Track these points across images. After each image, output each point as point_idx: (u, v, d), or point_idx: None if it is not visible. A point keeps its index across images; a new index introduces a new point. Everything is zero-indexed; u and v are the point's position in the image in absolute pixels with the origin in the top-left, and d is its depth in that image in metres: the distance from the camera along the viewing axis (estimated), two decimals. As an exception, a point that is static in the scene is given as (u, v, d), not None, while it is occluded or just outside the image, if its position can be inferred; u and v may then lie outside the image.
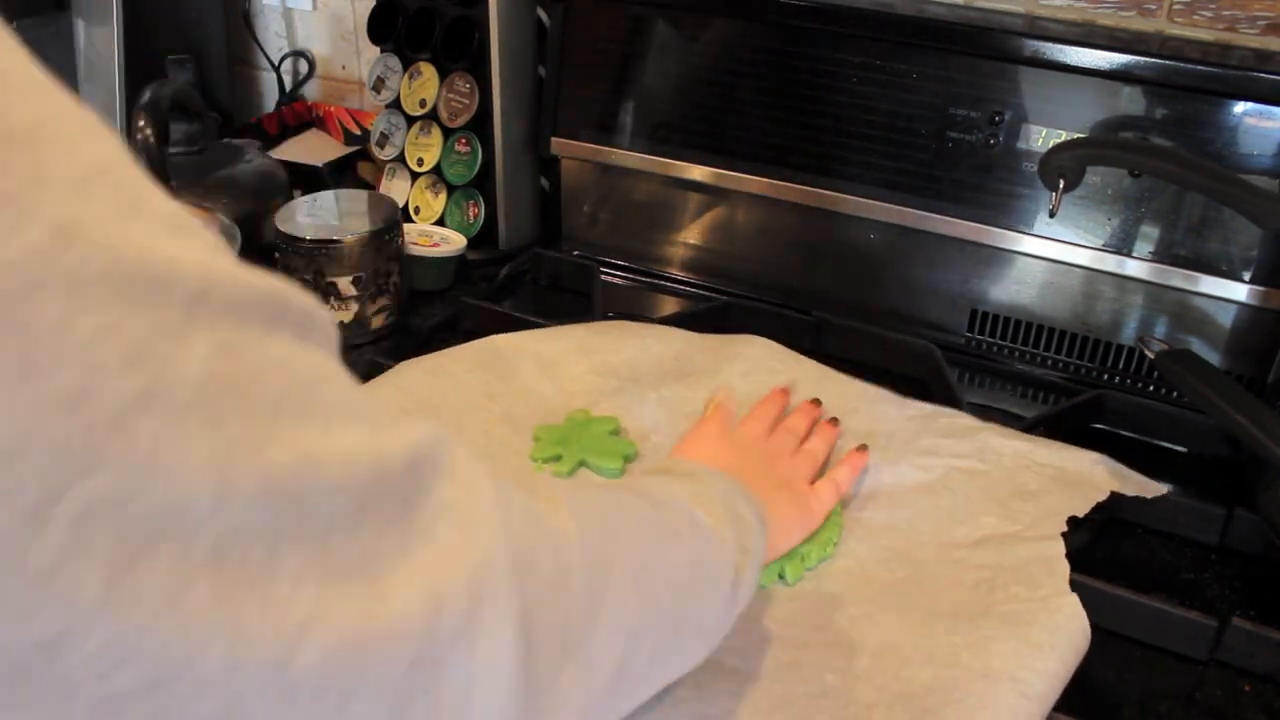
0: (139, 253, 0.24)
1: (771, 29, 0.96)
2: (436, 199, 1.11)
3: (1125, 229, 0.87)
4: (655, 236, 1.09)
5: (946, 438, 0.77)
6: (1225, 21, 0.88)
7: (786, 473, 0.69)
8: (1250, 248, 0.83)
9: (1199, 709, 0.61)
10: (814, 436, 0.75)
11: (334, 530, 0.28)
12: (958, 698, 0.54)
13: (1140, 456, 0.76)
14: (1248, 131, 0.81)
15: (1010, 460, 0.74)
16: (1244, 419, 0.69)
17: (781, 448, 0.72)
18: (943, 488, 0.72)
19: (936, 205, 0.92)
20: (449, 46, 1.06)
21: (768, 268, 1.04)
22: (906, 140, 0.92)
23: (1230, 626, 0.62)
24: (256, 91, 1.42)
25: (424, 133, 1.10)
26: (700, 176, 1.03)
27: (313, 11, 1.34)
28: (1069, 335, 0.93)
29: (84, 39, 1.23)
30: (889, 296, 0.99)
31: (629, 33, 1.03)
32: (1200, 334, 0.88)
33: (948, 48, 0.89)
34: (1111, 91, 0.85)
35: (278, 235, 0.92)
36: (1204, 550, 0.73)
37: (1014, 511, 0.69)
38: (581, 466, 0.75)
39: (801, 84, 0.96)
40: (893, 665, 0.58)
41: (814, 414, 0.77)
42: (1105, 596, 0.64)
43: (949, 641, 0.59)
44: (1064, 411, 0.85)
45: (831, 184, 0.97)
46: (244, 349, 0.26)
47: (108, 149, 0.26)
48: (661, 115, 1.04)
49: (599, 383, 0.83)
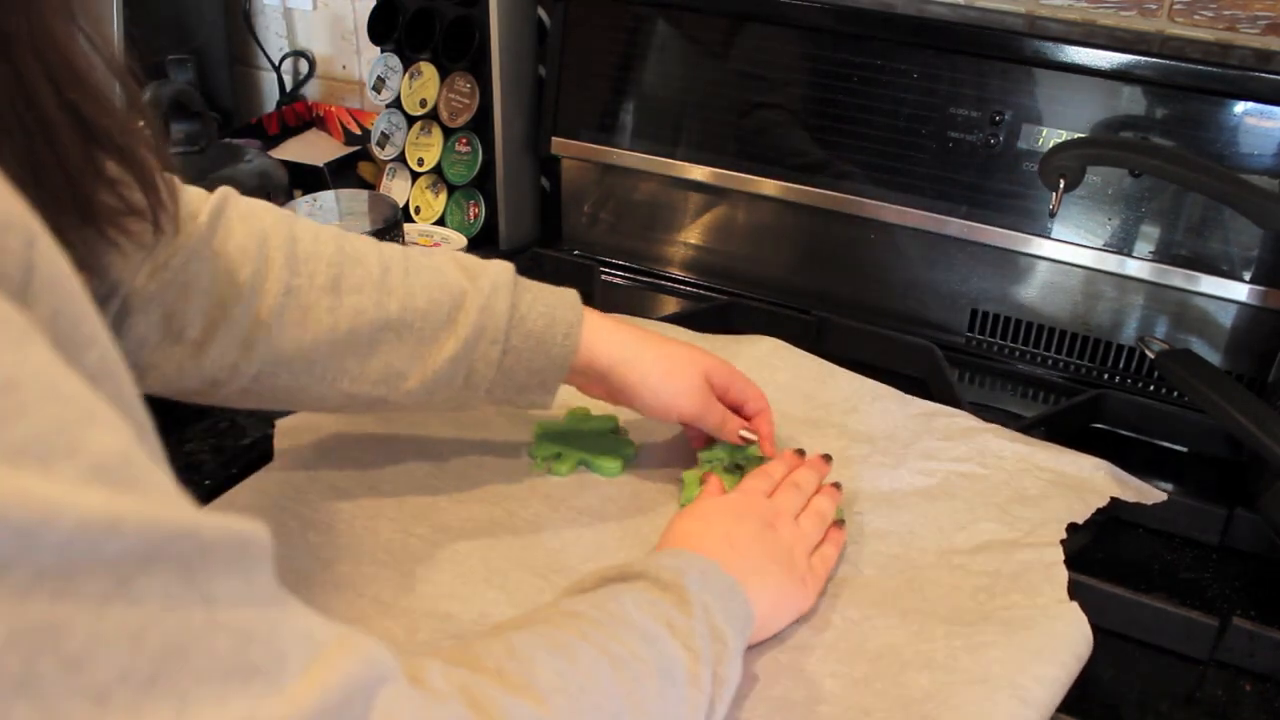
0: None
1: (772, 29, 0.96)
2: (437, 199, 1.11)
3: (1125, 229, 0.87)
4: (655, 236, 1.09)
5: (946, 440, 0.77)
6: (1225, 21, 0.88)
7: (788, 539, 0.63)
8: (1250, 248, 0.83)
9: (1199, 709, 0.61)
10: (821, 495, 0.68)
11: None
12: (956, 704, 0.54)
13: (1140, 456, 0.76)
14: (1248, 131, 0.81)
15: (1010, 464, 0.74)
16: (1244, 419, 0.69)
17: (785, 507, 0.65)
18: (942, 493, 0.72)
19: (936, 205, 0.93)
20: (449, 46, 1.06)
21: (768, 267, 1.04)
22: (907, 140, 0.92)
23: (1231, 626, 0.62)
24: (256, 91, 1.42)
25: (424, 133, 1.10)
26: (700, 176, 1.03)
27: (313, 11, 1.34)
28: (1069, 335, 0.93)
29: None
30: (889, 296, 0.99)
31: (629, 33, 1.03)
32: (1200, 334, 0.88)
33: (948, 48, 0.89)
34: (1112, 91, 0.85)
35: (278, 235, 0.92)
36: (1204, 550, 0.73)
37: (1014, 517, 0.69)
38: (581, 465, 0.75)
39: (802, 84, 0.96)
40: (891, 670, 0.58)
41: (823, 470, 0.70)
42: (1106, 596, 0.64)
43: (948, 647, 0.59)
44: (1064, 411, 0.85)
45: (832, 184, 0.97)
46: (61, 629, 0.22)
47: (25, 365, 0.23)
48: (661, 115, 1.04)
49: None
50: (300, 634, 0.29)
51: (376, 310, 0.62)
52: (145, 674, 0.23)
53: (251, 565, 0.28)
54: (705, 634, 0.51)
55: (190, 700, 0.24)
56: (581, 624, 0.47)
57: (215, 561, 0.26)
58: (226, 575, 0.26)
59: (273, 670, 0.27)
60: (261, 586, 0.28)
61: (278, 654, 0.27)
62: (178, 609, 0.25)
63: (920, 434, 0.78)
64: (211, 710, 0.25)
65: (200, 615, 0.25)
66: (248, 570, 0.27)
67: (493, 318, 0.64)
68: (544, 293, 0.67)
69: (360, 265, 0.62)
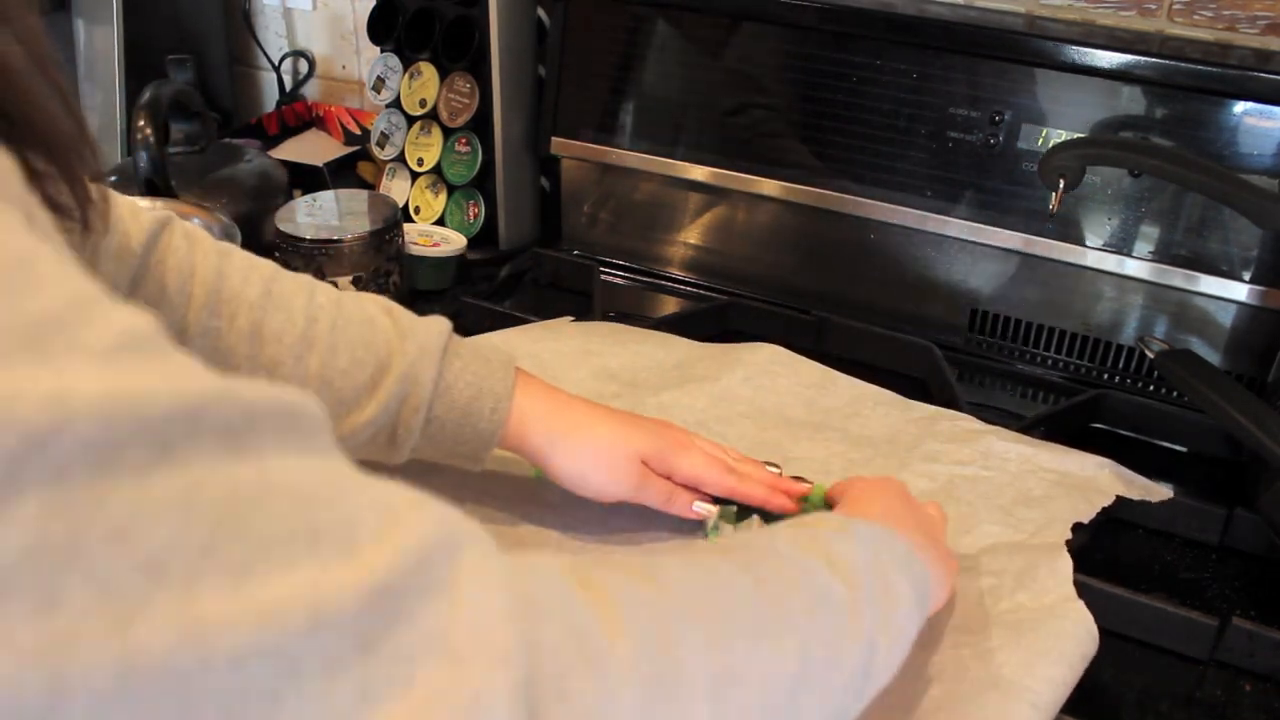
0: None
1: (771, 29, 0.96)
2: (436, 199, 1.11)
3: (1125, 229, 0.87)
4: (655, 236, 1.09)
5: (949, 443, 0.76)
6: (1225, 21, 0.88)
7: (934, 517, 0.62)
8: (1250, 248, 0.83)
9: (1199, 709, 0.61)
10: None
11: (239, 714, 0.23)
12: (969, 712, 0.54)
13: (1140, 456, 0.76)
14: (1248, 131, 0.81)
15: (1014, 465, 0.74)
16: (1244, 419, 0.69)
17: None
18: (946, 496, 0.72)
19: (936, 205, 0.93)
20: (449, 46, 1.06)
21: (768, 268, 1.04)
22: (907, 140, 0.92)
23: (1230, 626, 0.62)
24: (256, 91, 1.42)
25: (424, 133, 1.10)
26: (700, 176, 1.03)
27: (313, 11, 1.34)
28: (1069, 335, 0.93)
29: (84, 39, 1.23)
30: (889, 296, 0.99)
31: (629, 33, 1.03)
32: (1200, 334, 0.88)
33: (948, 48, 0.89)
34: (1111, 91, 0.85)
35: (278, 235, 0.92)
36: (1204, 550, 0.73)
37: (1018, 519, 0.69)
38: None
39: (802, 84, 0.96)
40: (900, 682, 0.57)
41: None
42: (1106, 596, 0.64)
43: (956, 655, 0.58)
44: (1064, 411, 0.85)
45: (832, 184, 0.97)
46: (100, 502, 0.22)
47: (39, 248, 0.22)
48: (661, 115, 1.04)
49: (598, 387, 0.83)
50: (370, 498, 0.27)
51: (294, 365, 0.59)
52: (199, 543, 0.23)
53: (306, 431, 0.27)
54: (869, 570, 0.46)
55: (251, 568, 0.23)
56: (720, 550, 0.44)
57: (264, 426, 0.25)
58: (278, 440, 0.25)
59: (340, 535, 0.26)
60: (320, 451, 0.27)
61: (345, 518, 0.26)
62: (228, 475, 0.24)
63: (922, 437, 0.77)
64: (276, 578, 0.24)
65: (253, 480, 0.24)
66: (302, 435, 0.26)
67: (416, 385, 0.60)
68: (474, 360, 0.62)
69: (283, 312, 0.59)
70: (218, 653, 0.22)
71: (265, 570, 0.24)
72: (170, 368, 0.24)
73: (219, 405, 0.24)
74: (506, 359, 0.63)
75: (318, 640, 0.24)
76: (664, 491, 0.65)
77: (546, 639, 0.30)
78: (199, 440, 0.23)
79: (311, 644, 0.24)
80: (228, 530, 0.23)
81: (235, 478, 0.24)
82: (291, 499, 0.25)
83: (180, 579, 0.22)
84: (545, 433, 0.63)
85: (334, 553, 0.25)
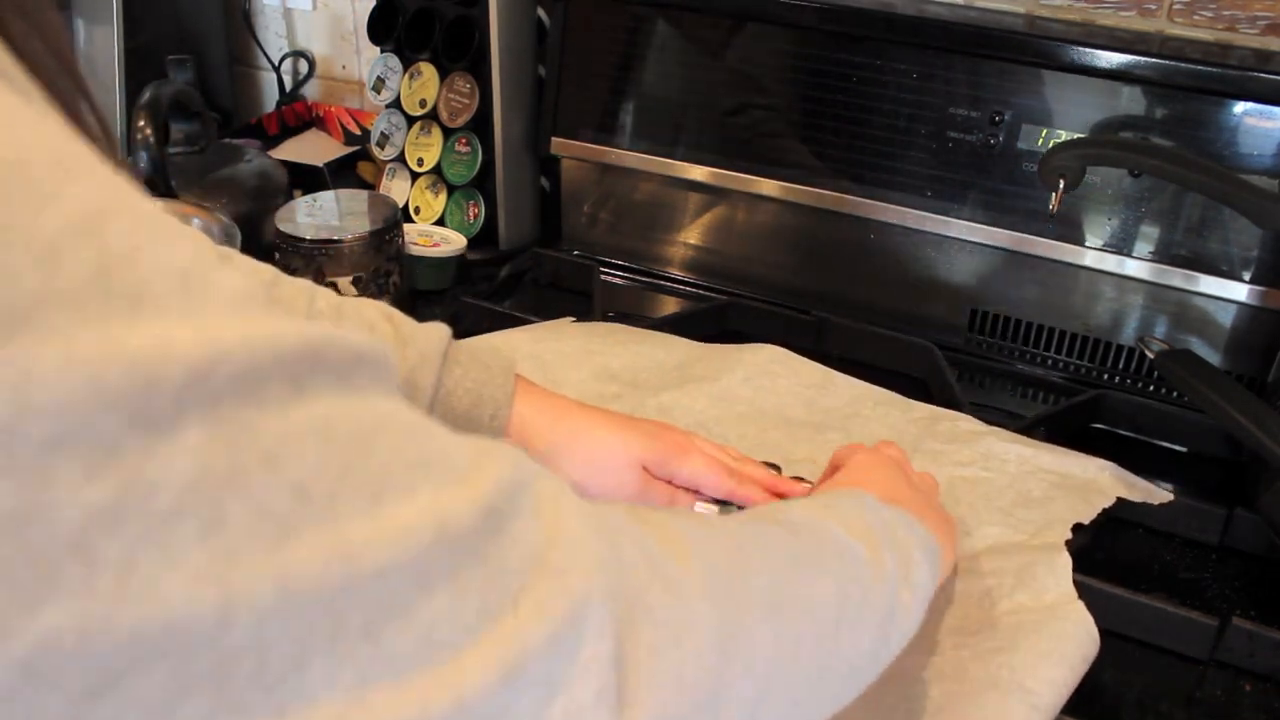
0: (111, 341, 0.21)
1: (771, 29, 0.96)
2: (436, 199, 1.11)
3: (1125, 229, 0.87)
4: (655, 236, 1.09)
5: (949, 444, 0.76)
6: (1225, 21, 0.88)
7: (928, 486, 0.64)
8: (1250, 248, 0.83)
9: (1199, 709, 0.61)
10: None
11: (381, 623, 0.25)
12: (969, 713, 0.54)
13: (1140, 456, 0.77)
14: (1248, 131, 0.81)
15: (1014, 467, 0.74)
16: (1244, 419, 0.69)
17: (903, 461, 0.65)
18: (946, 497, 0.71)
19: (936, 205, 0.93)
20: (449, 46, 1.06)
21: (768, 268, 1.04)
22: (907, 140, 0.92)
23: (1230, 626, 0.62)
24: (256, 91, 1.42)
25: (424, 133, 1.10)
26: (700, 176, 1.03)
27: (313, 11, 1.34)
28: (1069, 335, 0.93)
29: (84, 39, 1.23)
30: (889, 296, 0.99)
31: (629, 33, 1.03)
32: (1200, 334, 0.88)
33: (948, 48, 0.89)
34: (1111, 91, 0.85)
35: (278, 235, 0.92)
36: (1204, 550, 0.73)
37: (1018, 520, 0.69)
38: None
39: (802, 84, 0.96)
40: (901, 684, 0.57)
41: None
42: (1106, 596, 0.64)
43: (957, 657, 0.58)
44: (1064, 411, 0.85)
45: (832, 184, 0.97)
46: (252, 430, 0.23)
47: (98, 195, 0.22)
48: (661, 115, 1.04)
49: (599, 388, 0.83)
50: (454, 436, 0.30)
51: None
52: (337, 468, 0.25)
53: (393, 378, 0.29)
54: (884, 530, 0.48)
55: (384, 491, 0.26)
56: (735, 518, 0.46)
57: (365, 368, 0.27)
58: (375, 381, 0.27)
59: (446, 464, 0.28)
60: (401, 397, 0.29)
61: (441, 450, 0.28)
62: (348, 410, 0.26)
63: (923, 438, 0.77)
64: (404, 500, 0.26)
65: (369, 415, 0.26)
66: (392, 381, 0.28)
67: (416, 392, 0.60)
68: (474, 367, 0.62)
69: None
70: (363, 569, 0.24)
71: (395, 493, 0.26)
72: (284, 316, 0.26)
73: (333, 347, 0.26)
74: (506, 366, 0.63)
75: (445, 553, 0.26)
76: (665, 496, 0.65)
77: (626, 557, 0.33)
78: (323, 377, 0.25)
79: (439, 557, 0.26)
80: (359, 458, 0.25)
81: (355, 412, 0.26)
82: (400, 433, 0.27)
83: (323, 502, 0.24)
84: (546, 440, 0.63)
85: (445, 479, 0.28)
